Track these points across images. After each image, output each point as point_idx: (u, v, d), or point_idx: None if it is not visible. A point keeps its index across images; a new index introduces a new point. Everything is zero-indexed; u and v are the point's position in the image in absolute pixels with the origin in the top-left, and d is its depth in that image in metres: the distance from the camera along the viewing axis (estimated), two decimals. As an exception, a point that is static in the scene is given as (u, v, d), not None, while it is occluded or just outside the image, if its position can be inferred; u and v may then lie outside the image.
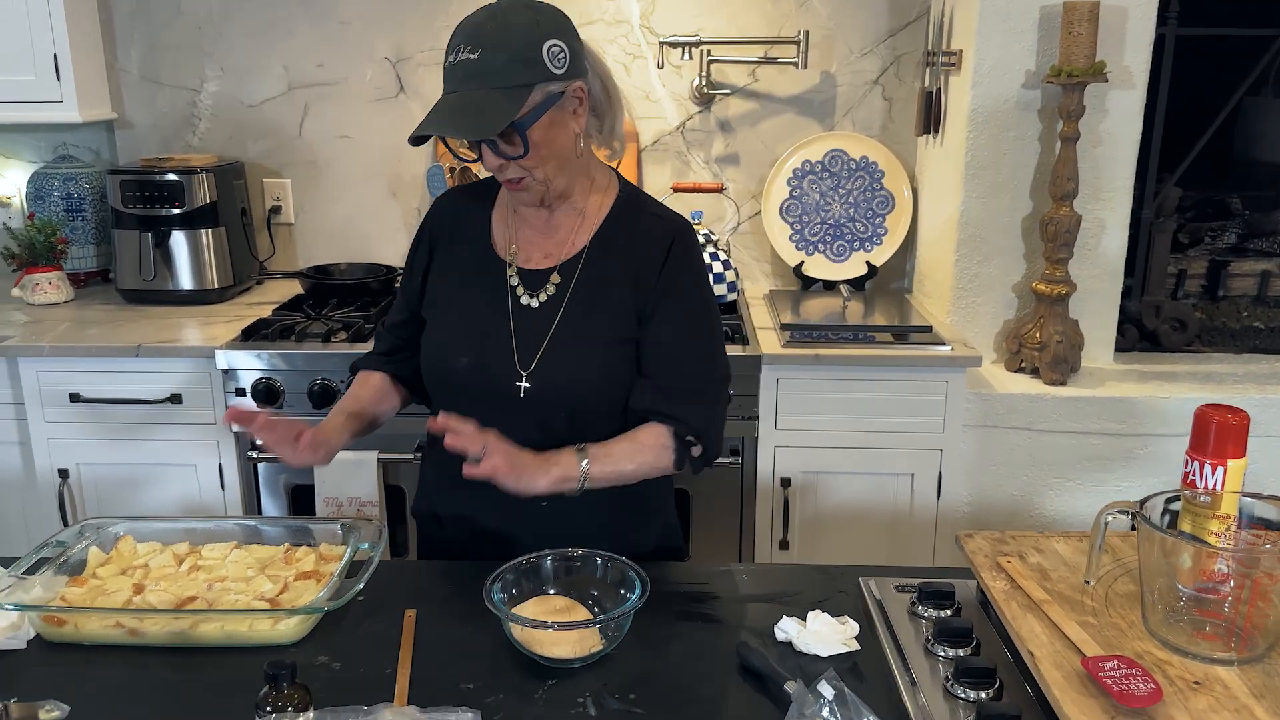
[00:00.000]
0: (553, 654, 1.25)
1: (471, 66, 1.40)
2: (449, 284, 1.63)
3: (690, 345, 1.57)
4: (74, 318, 2.74)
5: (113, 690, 1.21)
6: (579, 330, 1.55)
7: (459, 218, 1.67)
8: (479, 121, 1.40)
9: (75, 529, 1.49)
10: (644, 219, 1.60)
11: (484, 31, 1.41)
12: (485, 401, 1.53)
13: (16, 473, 2.66)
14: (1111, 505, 1.17)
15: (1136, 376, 2.63)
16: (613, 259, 1.57)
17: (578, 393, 1.54)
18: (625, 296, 1.55)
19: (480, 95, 1.40)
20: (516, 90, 1.41)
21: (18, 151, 3.15)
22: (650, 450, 1.53)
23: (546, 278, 1.57)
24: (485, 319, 1.58)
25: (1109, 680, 1.04)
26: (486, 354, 1.56)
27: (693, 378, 1.56)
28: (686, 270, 1.58)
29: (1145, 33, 2.47)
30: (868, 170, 2.94)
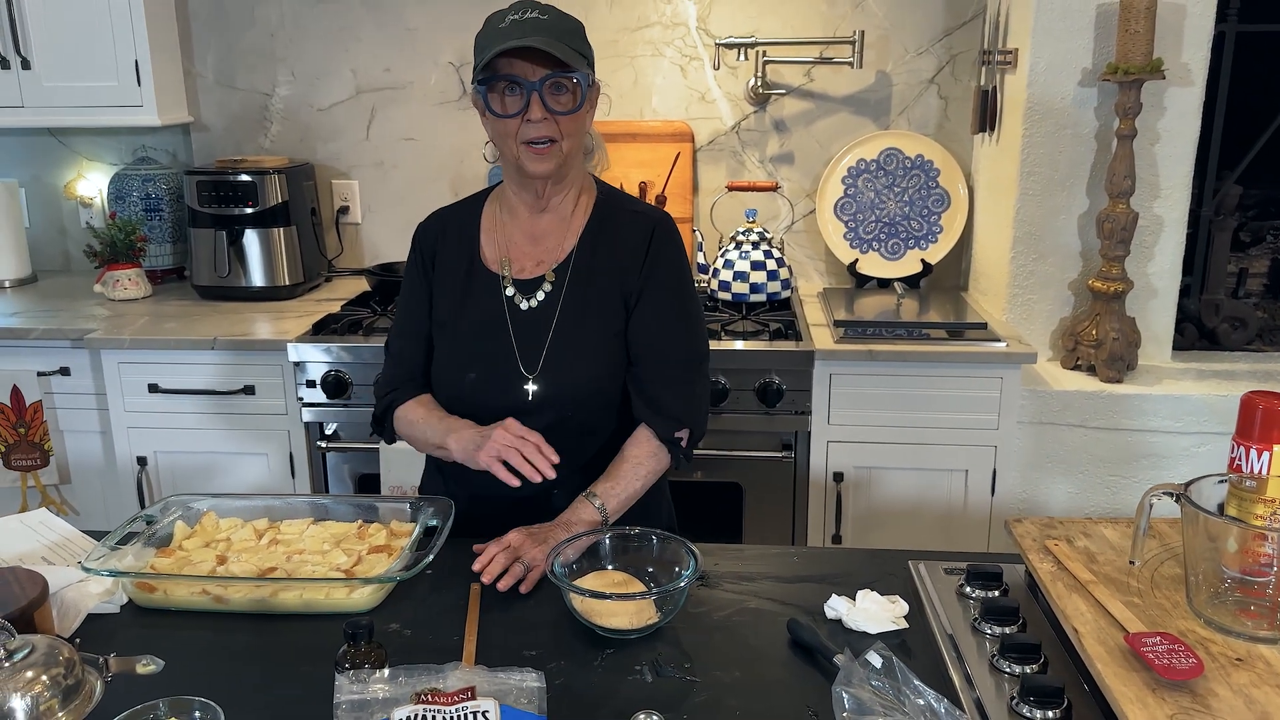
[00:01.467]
0: (610, 625, 1.30)
1: (543, 23, 1.50)
2: (449, 303, 1.69)
3: (667, 332, 1.65)
4: (152, 312, 2.87)
5: (200, 650, 1.29)
6: (576, 329, 1.63)
7: (448, 237, 1.72)
8: (562, 51, 1.48)
9: (160, 505, 1.58)
10: (624, 216, 1.69)
11: (546, 5, 1.53)
12: (495, 410, 1.59)
13: (97, 460, 2.78)
14: (1157, 487, 1.20)
15: (1194, 375, 2.62)
16: (599, 257, 1.65)
17: (583, 390, 1.62)
18: (613, 291, 1.64)
19: (555, 43, 1.48)
20: (579, 54, 1.52)
21: (100, 154, 3.30)
22: (648, 460, 1.62)
23: (540, 283, 1.65)
24: (486, 332, 1.64)
25: (1151, 655, 1.07)
26: (491, 364, 1.63)
27: (673, 364, 1.65)
28: (665, 261, 1.66)
29: (1204, 30, 2.47)
30: (923, 169, 2.96)
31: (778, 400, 2.47)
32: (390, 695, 1.07)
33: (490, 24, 1.52)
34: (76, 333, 2.67)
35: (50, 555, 1.52)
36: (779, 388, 2.46)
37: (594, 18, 3.03)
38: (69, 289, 3.15)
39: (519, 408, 1.59)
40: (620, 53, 3.06)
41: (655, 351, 1.64)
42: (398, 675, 1.09)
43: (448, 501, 1.54)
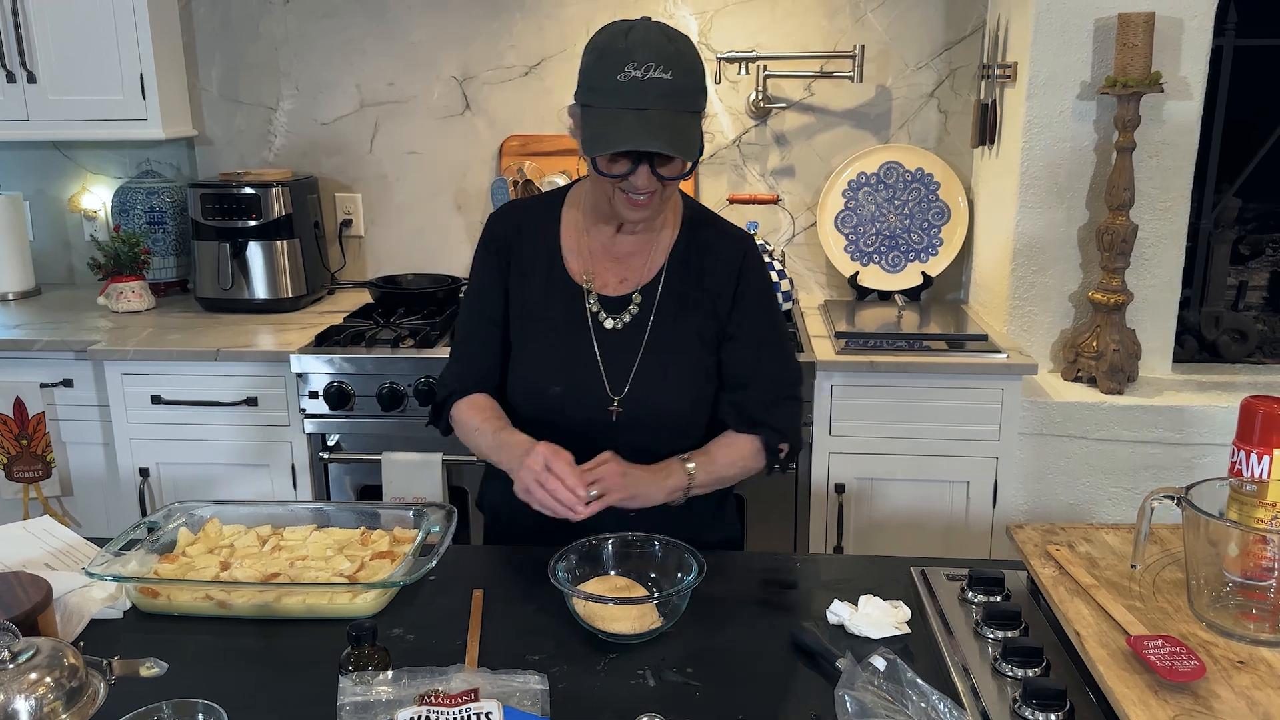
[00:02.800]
0: (613, 629, 1.30)
1: (666, 86, 1.41)
2: (528, 305, 1.64)
3: (768, 355, 1.64)
4: (156, 324, 2.88)
5: (204, 655, 1.30)
6: (665, 352, 1.59)
7: (525, 233, 1.66)
8: (684, 143, 1.42)
9: (164, 512, 1.59)
10: (712, 237, 1.65)
11: (671, 53, 1.42)
12: (578, 426, 1.57)
13: (100, 471, 2.79)
14: (1158, 490, 1.20)
15: (1195, 386, 2.62)
16: (690, 278, 1.61)
17: (670, 413, 1.59)
18: (705, 315, 1.61)
19: (675, 115, 1.42)
20: (698, 117, 1.47)
21: (104, 168, 3.31)
22: (747, 457, 1.62)
23: (627, 302, 1.61)
24: (570, 345, 1.60)
25: (1153, 657, 1.07)
26: (577, 381, 1.59)
27: (774, 385, 1.64)
28: (759, 284, 1.65)
29: (1202, 44, 2.49)
30: (923, 182, 2.97)
31: (779, 411, 2.47)
32: (394, 697, 1.07)
33: (609, 61, 1.42)
34: (80, 344, 2.68)
35: (53, 561, 1.52)
36: (780, 399, 2.47)
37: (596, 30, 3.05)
38: (72, 301, 3.16)
39: (604, 427, 1.57)
40: (622, 67, 3.07)
41: (757, 377, 1.63)
42: (401, 677, 1.09)
43: (450, 508, 1.54)
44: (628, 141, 1.40)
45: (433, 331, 2.64)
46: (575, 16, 3.06)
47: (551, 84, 3.11)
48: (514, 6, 3.07)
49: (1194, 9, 2.47)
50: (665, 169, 1.46)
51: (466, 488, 2.61)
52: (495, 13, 3.07)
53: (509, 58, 3.10)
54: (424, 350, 2.56)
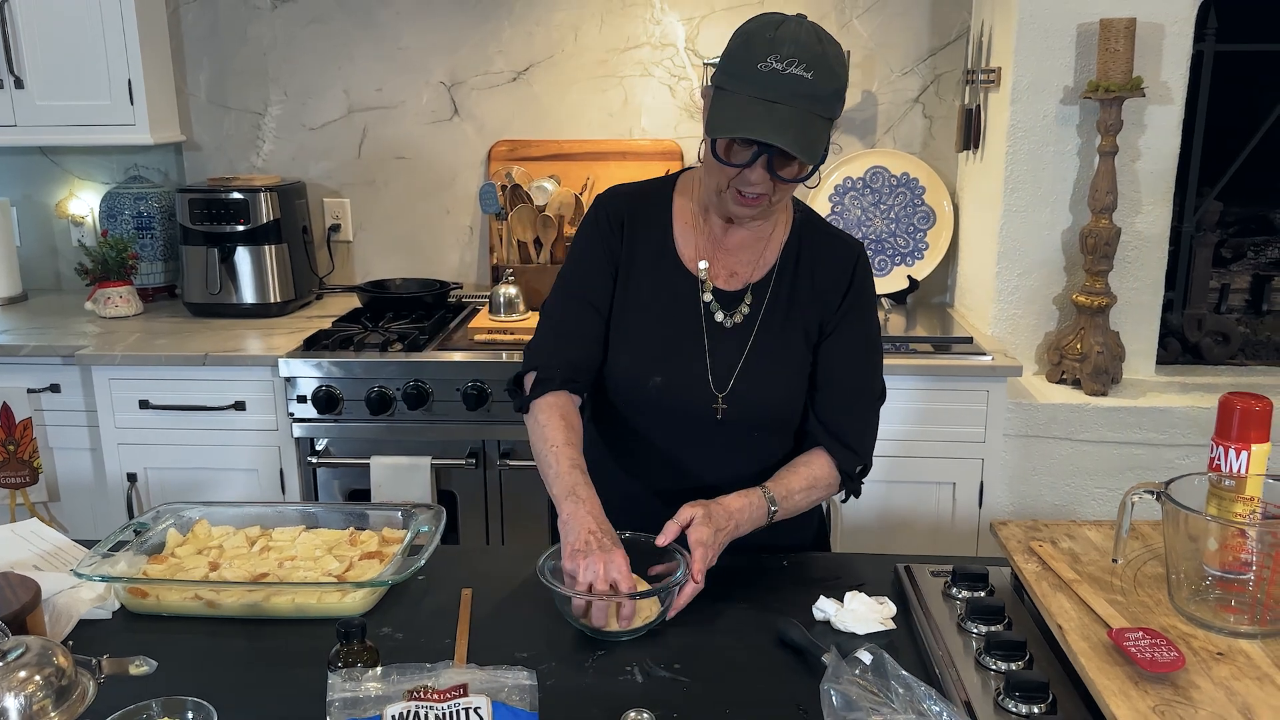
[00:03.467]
0: (600, 626, 1.32)
1: (804, 85, 1.36)
2: (637, 292, 1.59)
3: (854, 362, 1.61)
4: (143, 329, 2.87)
5: (193, 654, 1.30)
6: (773, 352, 1.57)
7: (637, 218, 1.61)
8: (808, 145, 1.36)
9: (152, 513, 1.59)
10: (825, 239, 1.62)
11: (816, 54, 1.37)
12: (678, 421, 1.56)
13: (87, 477, 2.78)
14: (1138, 486, 1.22)
15: (1178, 388, 2.65)
16: (801, 279, 1.59)
17: (773, 415, 1.58)
18: (811, 316, 1.58)
19: (807, 117, 1.37)
20: (829, 124, 1.41)
21: (92, 173, 3.31)
22: (823, 488, 1.59)
23: (740, 298, 1.58)
24: (678, 336, 1.57)
25: (1134, 649, 1.09)
26: (681, 374, 1.56)
27: (854, 392, 1.61)
28: (866, 292, 1.62)
29: (1182, 49, 2.52)
30: (909, 186, 3.00)
31: (766, 414, 2.49)
32: (383, 693, 1.08)
33: (754, 49, 1.38)
34: (67, 349, 2.68)
35: (42, 563, 1.52)
36: (768, 401, 2.48)
37: (584, 37, 3.07)
38: (60, 307, 3.15)
39: (705, 423, 1.56)
40: (610, 73, 3.09)
41: (846, 383, 1.60)
42: (390, 673, 1.10)
43: (439, 509, 1.55)
44: (751, 130, 1.36)
45: (421, 336, 2.64)
46: (563, 22, 3.08)
47: (539, 89, 3.12)
48: (502, 13, 3.08)
49: (1175, 14, 2.50)
50: (783, 169, 1.41)
51: (455, 491, 2.61)
52: (484, 18, 3.09)
53: (497, 63, 3.12)
54: (412, 354, 2.56)
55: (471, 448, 2.56)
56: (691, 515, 1.43)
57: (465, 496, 2.61)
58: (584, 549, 1.35)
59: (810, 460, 1.59)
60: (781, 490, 1.53)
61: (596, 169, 3.09)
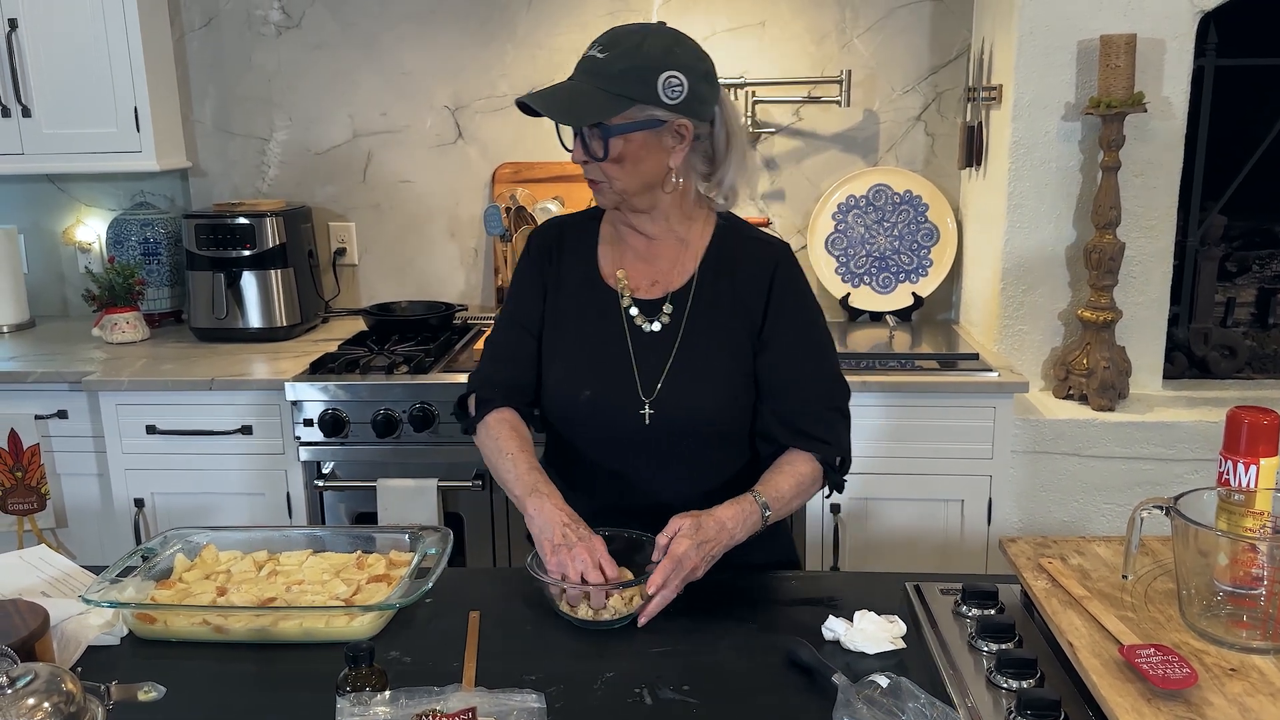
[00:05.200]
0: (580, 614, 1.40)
1: (593, 64, 1.50)
2: (564, 312, 1.65)
3: (806, 366, 1.62)
4: (150, 354, 2.88)
5: (201, 680, 1.30)
6: (698, 356, 1.59)
7: (565, 245, 1.69)
8: (570, 109, 1.50)
9: (160, 539, 1.59)
10: (747, 244, 1.65)
11: (622, 39, 1.50)
12: (608, 431, 1.59)
13: (94, 502, 2.78)
14: (1147, 501, 1.22)
15: (1185, 402, 2.64)
16: (721, 284, 1.61)
17: (700, 418, 1.59)
18: (738, 321, 1.60)
19: (586, 89, 1.49)
20: (617, 99, 1.48)
21: (99, 200, 3.33)
22: (811, 484, 1.60)
23: (660, 306, 1.62)
24: (604, 349, 1.61)
25: (1146, 666, 1.08)
26: (609, 385, 1.59)
27: (817, 397, 1.61)
28: (793, 292, 1.62)
29: (1183, 64, 2.53)
30: (912, 204, 3.00)
31: (773, 432, 2.49)
32: (391, 717, 1.07)
33: None
34: (74, 376, 2.68)
35: (50, 590, 1.52)
36: (774, 420, 2.48)
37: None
38: (67, 333, 3.16)
39: (633, 430, 1.58)
40: (612, 94, 3.10)
41: (798, 385, 1.60)
42: (399, 697, 1.09)
43: (446, 531, 1.55)
44: (528, 96, 1.50)
45: (427, 358, 2.65)
46: (565, 45, 3.10)
47: (543, 112, 3.14)
48: (505, 36, 3.10)
49: (1175, 30, 2.51)
50: (593, 146, 1.51)
51: (462, 514, 2.61)
52: (486, 42, 3.11)
53: (501, 86, 3.14)
54: (418, 376, 2.56)
55: (478, 470, 2.55)
56: (679, 526, 1.44)
57: (472, 519, 2.61)
58: (563, 541, 1.42)
59: (791, 459, 1.59)
60: (771, 492, 1.54)
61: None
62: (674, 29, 1.55)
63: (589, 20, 3.07)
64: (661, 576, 1.39)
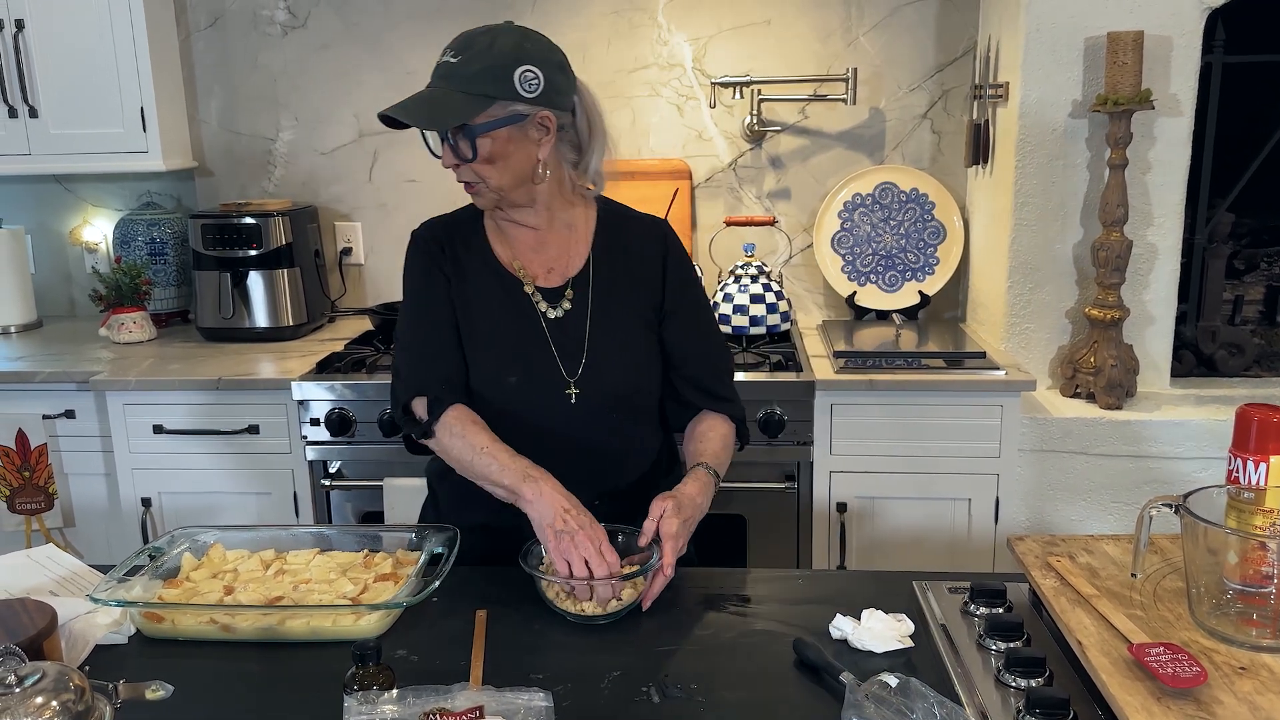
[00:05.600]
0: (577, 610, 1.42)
1: (448, 68, 1.52)
2: (473, 303, 1.67)
3: (706, 331, 1.75)
4: (157, 354, 2.89)
5: (209, 679, 1.30)
6: (611, 334, 1.66)
7: (454, 239, 1.71)
8: (431, 114, 1.52)
9: (167, 538, 1.59)
10: (631, 223, 1.74)
11: (473, 41, 1.53)
12: (535, 414, 1.62)
13: (101, 502, 2.79)
14: (1156, 499, 1.21)
15: (1193, 400, 2.63)
16: (616, 265, 1.69)
17: (623, 393, 1.66)
18: (639, 296, 1.69)
19: (444, 94, 1.51)
20: (477, 99, 1.51)
21: (105, 200, 3.34)
22: (732, 442, 1.72)
23: (562, 292, 1.67)
24: (523, 335, 1.65)
25: (1155, 664, 1.08)
26: (533, 369, 1.64)
27: (719, 359, 1.75)
28: (685, 264, 1.74)
29: (1190, 61, 2.52)
30: (918, 202, 3.00)
31: (779, 431, 2.48)
32: (398, 715, 1.07)
33: None
34: (81, 375, 2.69)
35: (58, 589, 1.53)
36: (780, 419, 2.48)
37: (591, 59, 3.09)
38: (74, 333, 3.17)
39: (562, 411, 1.62)
40: (618, 93, 3.11)
41: (703, 350, 1.73)
42: (406, 696, 1.09)
43: (453, 530, 1.55)
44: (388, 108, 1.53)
45: (433, 357, 2.64)
46: (571, 44, 3.05)
47: (548, 111, 3.13)
48: (510, 35, 3.10)
49: (1182, 27, 2.50)
50: (460, 148, 1.54)
51: (468, 512, 2.60)
52: (492, 42, 3.10)
53: (506, 86, 3.13)
54: (425, 376, 2.56)
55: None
56: (662, 509, 1.50)
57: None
58: (565, 528, 1.44)
59: (711, 424, 1.71)
60: (713, 460, 1.64)
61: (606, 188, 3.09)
62: (522, 26, 1.59)
63: (593, 19, 3.06)
64: (672, 558, 1.46)
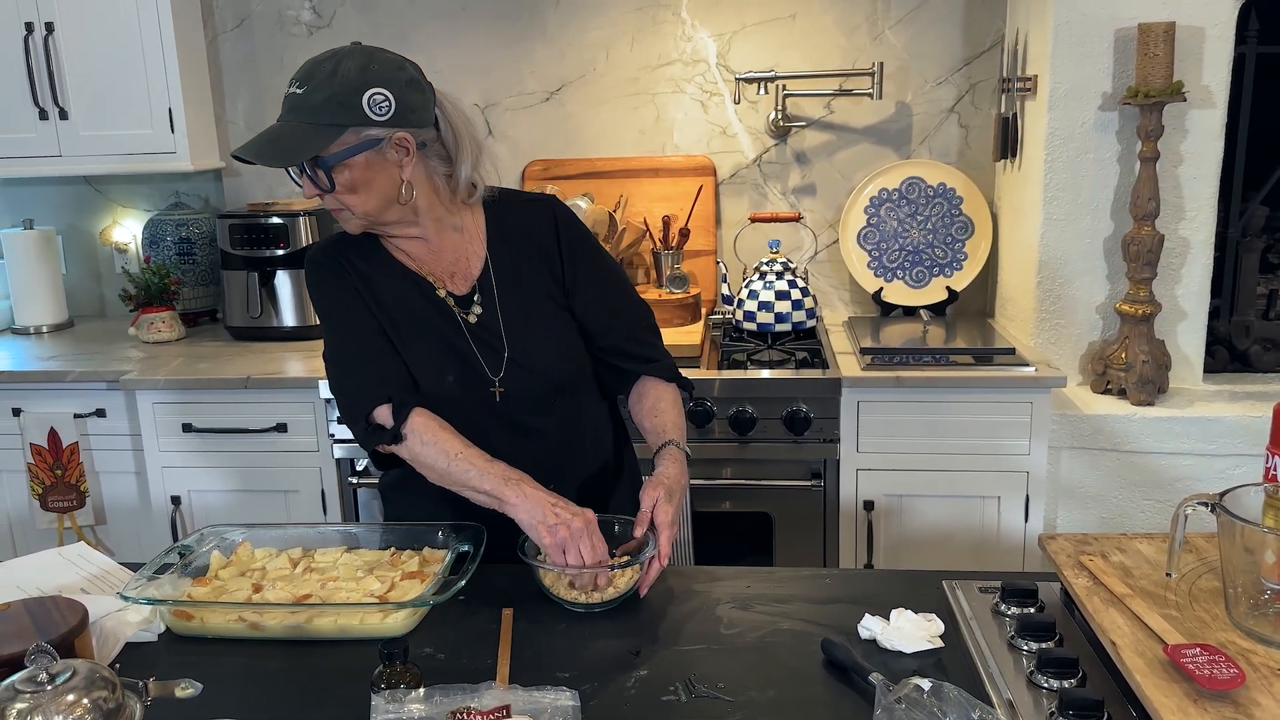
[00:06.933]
0: (569, 597, 1.45)
1: (294, 100, 1.49)
2: (394, 309, 1.63)
3: (617, 294, 1.75)
4: (186, 353, 2.91)
5: (237, 676, 1.30)
6: (527, 328, 1.66)
7: (355, 257, 1.65)
8: (280, 150, 1.48)
9: (196, 536, 1.60)
10: (519, 208, 1.72)
11: (316, 70, 1.50)
12: (466, 411, 1.61)
13: (132, 500, 2.82)
14: (1192, 497, 1.19)
15: (1227, 397, 2.59)
16: (514, 252, 1.68)
17: (548, 384, 1.66)
18: (543, 279, 1.68)
19: (293, 128, 1.48)
20: (326, 129, 1.48)
21: (134, 201, 3.37)
22: (678, 400, 1.75)
23: (471, 298, 1.66)
24: (447, 335, 1.63)
25: (1192, 666, 1.06)
26: (463, 369, 1.63)
27: (642, 320, 1.76)
28: (580, 236, 1.73)
29: (1223, 52, 2.48)
30: (946, 197, 2.97)
31: (805, 428, 2.47)
32: (426, 714, 1.07)
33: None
34: (112, 375, 2.71)
35: (89, 586, 1.54)
36: (806, 416, 2.46)
37: (615, 56, 3.08)
38: (104, 333, 3.20)
39: (488, 408, 1.63)
40: (642, 90, 3.10)
41: (617, 315, 1.73)
42: (433, 694, 1.09)
43: (479, 527, 1.55)
44: (238, 149, 1.51)
45: (459, 355, 2.65)
46: (595, 41, 3.09)
47: (572, 109, 3.14)
48: (534, 34, 3.10)
49: (1215, 17, 2.46)
50: (318, 180, 1.51)
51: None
52: (516, 40, 3.11)
53: (530, 84, 3.13)
54: (450, 374, 2.56)
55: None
56: (655, 498, 1.52)
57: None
58: (557, 521, 1.45)
59: (657, 392, 1.73)
60: (676, 433, 1.67)
61: (629, 186, 3.09)
62: (367, 46, 1.55)
63: (617, 17, 3.06)
64: (668, 546, 1.49)
